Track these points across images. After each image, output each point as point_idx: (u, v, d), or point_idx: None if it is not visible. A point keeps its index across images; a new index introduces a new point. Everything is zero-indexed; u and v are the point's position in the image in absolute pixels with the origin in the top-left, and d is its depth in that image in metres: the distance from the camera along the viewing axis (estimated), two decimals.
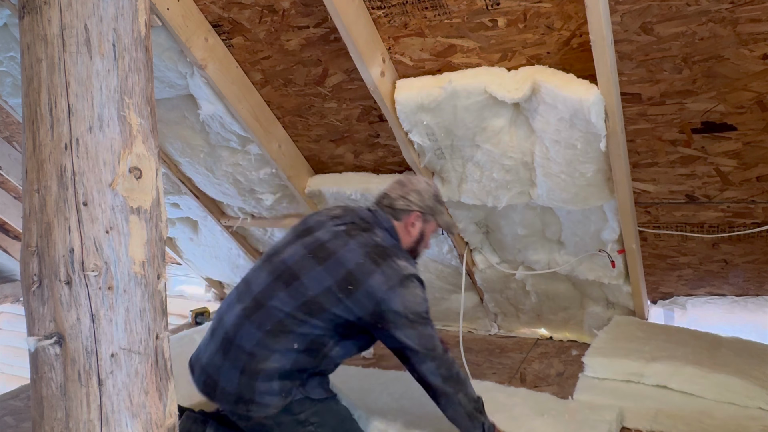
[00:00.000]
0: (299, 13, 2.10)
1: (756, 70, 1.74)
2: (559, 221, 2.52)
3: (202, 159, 2.95)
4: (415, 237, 1.94)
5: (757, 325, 2.54)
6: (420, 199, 1.91)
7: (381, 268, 1.72)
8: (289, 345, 1.71)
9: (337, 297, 1.71)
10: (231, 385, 1.71)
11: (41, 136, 0.92)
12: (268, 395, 1.69)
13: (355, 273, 1.72)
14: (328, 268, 1.74)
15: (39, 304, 0.92)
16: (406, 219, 1.90)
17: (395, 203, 1.90)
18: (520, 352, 2.82)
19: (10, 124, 3.73)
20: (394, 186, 1.95)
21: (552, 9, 1.79)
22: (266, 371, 1.69)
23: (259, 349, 1.70)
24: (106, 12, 0.93)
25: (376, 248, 1.77)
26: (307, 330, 1.72)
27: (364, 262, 1.73)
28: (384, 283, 1.70)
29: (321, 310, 1.71)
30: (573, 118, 1.92)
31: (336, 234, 1.81)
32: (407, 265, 1.78)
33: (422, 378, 1.75)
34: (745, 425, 1.92)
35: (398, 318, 1.69)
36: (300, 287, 1.73)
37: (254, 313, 1.74)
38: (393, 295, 1.69)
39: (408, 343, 1.70)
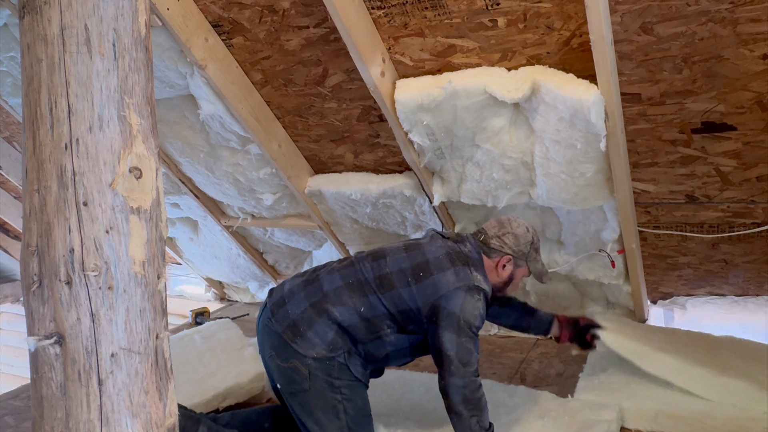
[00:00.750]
0: (299, 13, 2.10)
1: (756, 70, 1.74)
2: (559, 221, 2.52)
3: (202, 159, 2.95)
4: (504, 279, 1.95)
5: (757, 325, 2.54)
6: (515, 243, 1.91)
7: (455, 268, 1.80)
8: (358, 306, 1.81)
9: (407, 279, 1.81)
10: (296, 310, 1.81)
11: (41, 136, 0.92)
12: (318, 337, 1.77)
13: (431, 263, 1.82)
14: (411, 255, 1.87)
15: (39, 304, 0.92)
16: (497, 259, 1.91)
17: (489, 241, 1.92)
18: (520, 352, 2.82)
19: (10, 124, 3.74)
20: (493, 224, 1.96)
21: (552, 9, 1.79)
22: (330, 315, 1.79)
23: (334, 294, 1.82)
24: (106, 12, 0.93)
25: (459, 253, 1.86)
26: (375, 301, 1.81)
27: (443, 258, 1.83)
28: (452, 282, 1.77)
29: (390, 286, 1.81)
30: (573, 118, 1.92)
31: (430, 237, 1.95)
32: (481, 278, 1.84)
33: (445, 389, 1.76)
34: (747, 426, 1.92)
35: (450, 319, 1.74)
36: (382, 263, 1.86)
37: (344, 269, 1.88)
38: (455, 296, 1.75)
39: (447, 347, 1.74)
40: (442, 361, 1.76)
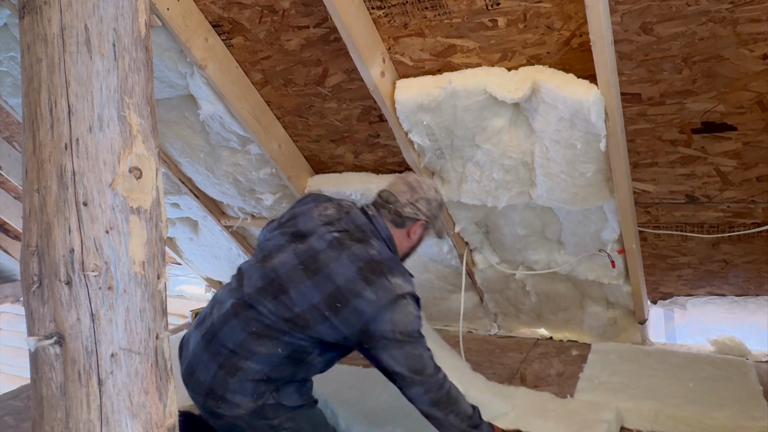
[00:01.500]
0: (299, 13, 2.10)
1: (756, 70, 1.74)
2: (559, 221, 2.52)
3: (202, 159, 2.95)
4: (413, 243, 1.90)
5: (757, 325, 2.55)
6: (428, 208, 1.86)
7: (372, 287, 1.63)
8: (273, 350, 1.66)
9: (323, 315, 1.64)
10: (206, 377, 1.66)
11: (41, 136, 0.92)
12: (239, 395, 1.64)
13: (344, 290, 1.64)
14: (317, 282, 1.66)
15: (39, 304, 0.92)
16: (409, 227, 1.85)
17: (404, 210, 1.83)
18: (520, 352, 2.82)
19: (10, 124, 3.73)
20: (403, 189, 1.86)
21: (552, 9, 1.79)
22: (245, 371, 1.65)
23: (241, 349, 1.66)
24: (106, 12, 0.93)
25: (369, 263, 1.68)
26: (291, 340, 1.67)
27: (356, 279, 1.64)
28: (374, 303, 1.62)
29: (306, 326, 1.66)
30: (573, 118, 1.92)
31: (330, 244, 1.72)
32: (402, 282, 1.69)
33: (411, 401, 1.69)
34: (746, 426, 1.93)
35: (386, 339, 1.62)
36: (287, 301, 1.67)
37: (242, 312, 1.69)
38: (382, 316, 1.61)
39: (394, 367, 1.63)
40: (394, 379, 1.66)
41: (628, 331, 2.78)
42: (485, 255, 2.83)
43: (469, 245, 2.81)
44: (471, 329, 3.18)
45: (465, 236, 2.74)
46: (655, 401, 2.12)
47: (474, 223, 2.69)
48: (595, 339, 2.85)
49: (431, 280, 3.05)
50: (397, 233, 1.85)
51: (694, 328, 2.72)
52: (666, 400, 2.12)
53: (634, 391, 2.20)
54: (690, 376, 2.29)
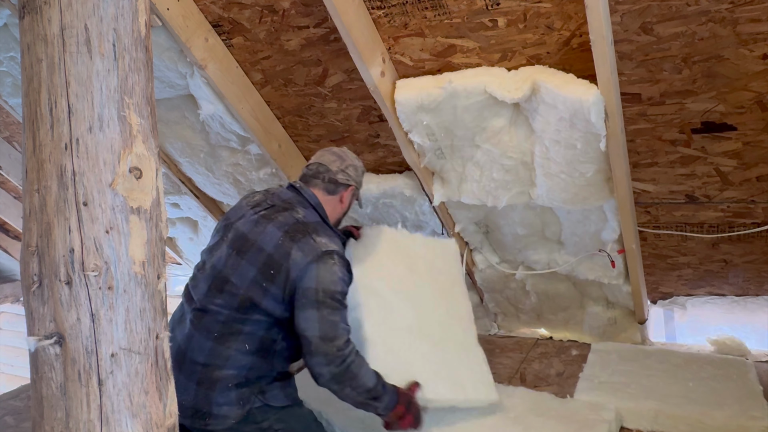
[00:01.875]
0: (299, 13, 2.10)
1: (756, 70, 1.74)
2: (559, 221, 2.52)
3: (202, 159, 2.95)
4: (345, 209, 1.93)
5: (757, 325, 2.55)
6: (356, 174, 1.92)
7: (298, 245, 1.66)
8: (241, 347, 1.66)
9: (262, 287, 1.65)
10: (187, 398, 1.64)
11: (41, 136, 0.92)
12: (226, 406, 1.64)
13: (275, 256, 1.66)
14: (251, 258, 1.68)
15: (39, 304, 0.92)
16: (341, 193, 1.88)
17: (337, 177, 1.86)
18: (520, 352, 2.82)
19: (10, 124, 3.73)
20: (332, 159, 1.90)
21: (552, 9, 1.79)
22: (223, 380, 1.64)
23: (212, 359, 1.65)
24: (106, 12, 0.93)
25: (294, 225, 1.71)
26: (252, 329, 1.67)
27: (283, 241, 1.67)
28: (301, 260, 1.64)
29: (253, 305, 1.66)
30: (573, 118, 1.92)
31: (255, 222, 1.75)
32: (328, 241, 1.71)
33: (310, 371, 1.66)
34: (746, 426, 1.93)
35: (307, 296, 1.62)
36: (232, 288, 1.68)
37: (199, 322, 1.69)
38: (308, 272, 1.63)
39: (306, 330, 1.62)
40: (302, 344, 1.64)
41: (628, 331, 2.78)
42: (485, 255, 2.83)
43: (469, 245, 2.81)
44: None
45: (465, 236, 2.74)
46: (655, 401, 2.12)
47: (474, 223, 2.69)
48: (595, 339, 2.85)
49: None
50: (329, 200, 1.87)
51: (694, 328, 2.72)
52: (666, 400, 2.11)
53: (634, 391, 2.20)
54: (690, 376, 2.28)
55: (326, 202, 1.87)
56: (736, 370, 2.31)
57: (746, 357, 2.49)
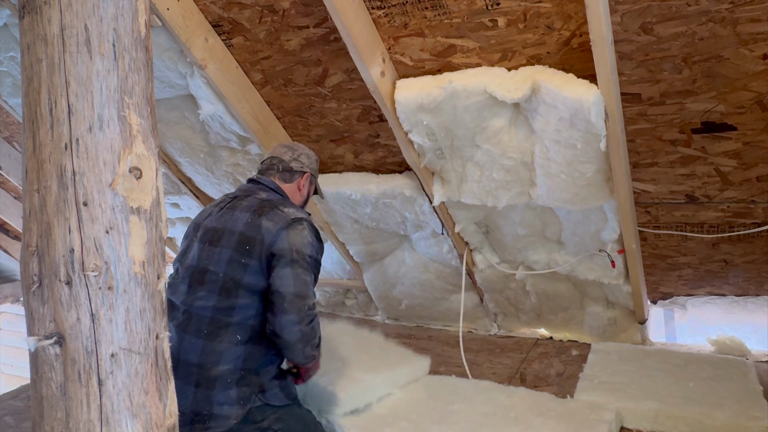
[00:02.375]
0: (299, 13, 2.10)
1: (756, 70, 1.74)
2: (559, 221, 2.52)
3: (202, 159, 2.95)
4: (304, 197, 2.02)
5: (757, 325, 2.55)
6: (309, 161, 2.03)
7: (267, 217, 1.76)
8: (233, 339, 1.68)
9: (241, 263, 1.71)
10: (185, 403, 1.63)
11: (41, 136, 0.92)
12: (226, 405, 1.64)
13: (246, 232, 1.74)
14: (224, 243, 1.76)
15: (39, 304, 0.92)
16: (298, 180, 1.99)
17: (291, 165, 1.98)
18: (520, 352, 2.82)
19: (10, 124, 3.73)
20: (284, 150, 2.02)
21: (552, 9, 1.79)
22: (221, 377, 1.65)
23: (205, 357, 1.66)
24: (106, 12, 0.93)
25: (261, 203, 1.82)
26: (240, 317, 1.70)
27: (252, 219, 1.77)
28: (272, 228, 1.73)
29: (236, 285, 1.70)
30: (573, 118, 1.92)
31: (221, 215, 1.84)
32: (295, 211, 1.82)
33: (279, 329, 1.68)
34: (746, 426, 1.93)
35: (283, 257, 1.69)
36: (211, 276, 1.73)
37: (188, 324, 1.71)
38: (280, 237, 1.72)
39: (281, 287, 1.67)
40: (274, 302, 1.68)
41: (628, 331, 2.78)
42: (485, 255, 2.83)
43: (469, 245, 2.81)
44: (471, 329, 3.18)
45: (465, 236, 2.74)
46: (655, 401, 2.12)
47: (474, 223, 2.69)
48: (595, 339, 2.85)
49: (431, 280, 3.05)
50: (288, 188, 1.98)
51: (694, 328, 2.71)
52: (666, 400, 2.11)
53: (634, 391, 2.20)
54: (690, 376, 2.29)
55: (285, 189, 1.96)
56: (736, 370, 2.31)
57: (746, 357, 2.49)
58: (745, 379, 2.24)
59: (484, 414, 2.10)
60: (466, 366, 2.61)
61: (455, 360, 2.73)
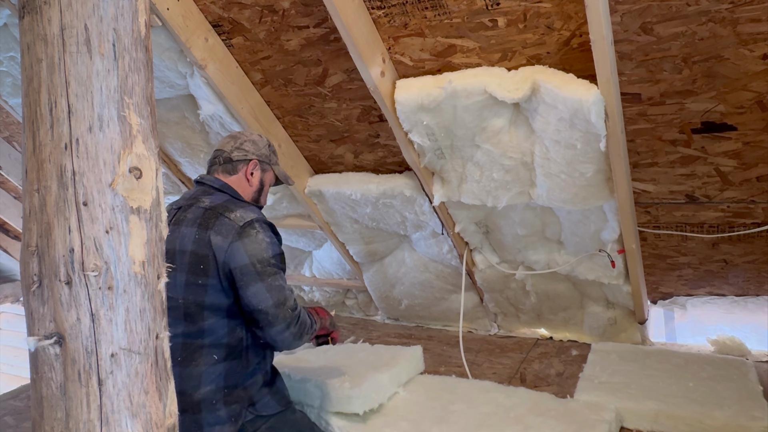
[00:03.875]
0: (299, 13, 2.10)
1: (756, 70, 1.74)
2: (559, 221, 2.52)
3: (202, 159, 2.95)
4: (256, 186, 1.87)
5: (757, 325, 2.55)
6: (256, 148, 1.88)
7: (213, 230, 1.64)
8: (209, 360, 1.62)
9: (198, 284, 1.62)
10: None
11: (41, 136, 0.92)
12: (217, 426, 1.60)
13: (196, 250, 1.64)
14: (178, 266, 1.65)
15: (39, 304, 0.92)
16: (244, 169, 1.84)
17: (232, 155, 1.84)
18: (520, 352, 2.82)
19: (10, 124, 3.74)
20: (226, 141, 1.89)
21: (552, 9, 1.79)
22: (205, 399, 1.61)
23: (185, 383, 1.61)
24: (106, 12, 0.93)
25: (203, 215, 1.69)
26: (211, 338, 1.63)
27: (199, 235, 1.65)
28: (221, 242, 1.62)
29: (198, 308, 1.62)
30: (573, 118, 1.92)
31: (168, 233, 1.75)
32: (242, 213, 1.68)
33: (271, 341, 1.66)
34: (746, 426, 1.92)
35: (246, 273, 1.61)
36: (171, 303, 1.59)
37: None
38: (235, 250, 1.61)
39: (259, 304, 1.61)
40: (256, 319, 1.63)
41: (628, 331, 2.78)
42: (485, 255, 2.83)
43: (469, 245, 2.81)
44: (471, 329, 3.18)
45: (465, 236, 2.74)
46: (655, 401, 2.12)
47: (474, 223, 2.69)
48: (595, 339, 2.85)
49: (431, 280, 3.05)
50: (233, 180, 1.84)
51: (694, 328, 2.71)
52: (666, 400, 2.11)
53: (634, 391, 2.20)
54: (690, 376, 2.29)
55: (231, 183, 1.83)
56: (736, 371, 2.31)
57: (746, 357, 2.49)
58: (745, 379, 2.23)
59: (484, 414, 2.10)
60: (466, 366, 2.61)
61: (455, 360, 2.73)
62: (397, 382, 2.33)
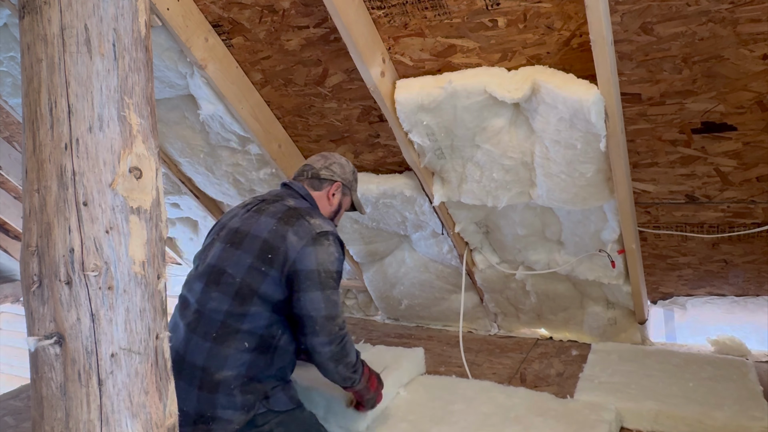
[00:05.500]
0: (299, 13, 2.10)
1: (756, 70, 1.74)
2: (559, 221, 2.52)
3: (202, 159, 2.95)
4: (334, 207, 1.99)
5: (757, 325, 2.55)
6: (342, 171, 2.01)
7: (293, 228, 1.72)
8: (240, 345, 1.66)
9: (260, 271, 1.68)
10: (189, 404, 1.63)
11: (41, 136, 0.92)
12: (230, 409, 1.63)
13: (270, 240, 1.71)
14: (246, 247, 1.73)
15: (39, 304, 0.92)
16: (327, 189, 1.97)
17: (320, 173, 1.97)
18: (520, 352, 2.82)
19: (10, 124, 3.74)
20: (317, 158, 2.03)
21: (552, 9, 1.79)
22: (224, 382, 1.64)
23: (211, 361, 1.65)
24: (106, 12, 0.93)
25: (287, 212, 1.79)
26: (250, 325, 1.67)
27: (277, 227, 1.73)
28: (298, 242, 1.70)
29: (251, 292, 1.68)
30: (573, 118, 1.92)
31: (247, 217, 1.82)
32: (322, 222, 1.78)
33: (311, 349, 1.71)
34: (746, 426, 1.93)
35: (310, 278, 1.67)
36: (228, 279, 1.70)
37: (198, 325, 1.69)
38: (306, 254, 1.69)
39: (311, 311, 1.67)
40: (304, 324, 1.68)
41: (628, 331, 2.78)
42: (485, 255, 2.83)
43: (469, 245, 2.81)
44: (471, 329, 3.18)
45: (465, 236, 2.74)
46: (655, 401, 2.12)
47: (474, 223, 2.69)
48: (595, 339, 2.85)
49: (431, 280, 3.05)
50: (317, 195, 1.97)
51: (694, 328, 2.71)
52: (666, 400, 2.11)
53: (634, 391, 2.20)
54: (690, 376, 2.29)
55: (316, 197, 1.95)
56: (736, 371, 2.31)
57: (746, 357, 2.49)
58: (745, 379, 2.24)
59: (484, 414, 2.10)
60: (466, 366, 2.61)
61: (455, 360, 2.73)
62: (399, 383, 2.33)
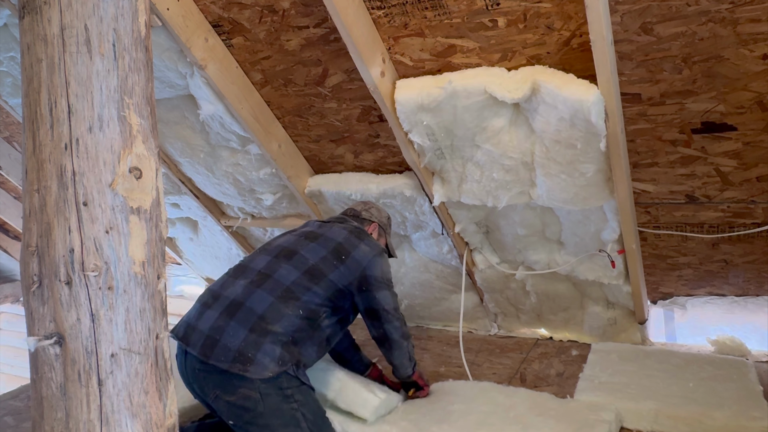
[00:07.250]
0: (299, 13, 2.10)
1: (756, 70, 1.74)
2: (559, 221, 2.52)
3: (202, 159, 2.95)
4: None
5: (757, 325, 2.55)
6: (380, 215, 2.43)
7: (363, 242, 2.14)
8: (295, 311, 1.91)
9: (333, 263, 2.04)
10: (235, 341, 1.80)
11: (41, 136, 0.92)
12: (269, 357, 1.79)
13: (344, 245, 2.11)
14: (320, 243, 2.10)
15: (39, 304, 0.92)
16: (367, 227, 2.35)
17: (361, 214, 2.39)
18: (520, 352, 2.82)
19: (10, 124, 3.74)
20: (358, 204, 2.46)
21: (552, 9, 1.79)
22: (273, 333, 1.84)
23: (270, 312, 1.87)
24: (106, 12, 0.93)
25: (355, 229, 2.21)
26: (309, 298, 1.95)
27: (349, 237, 2.14)
28: (368, 253, 2.10)
29: (321, 275, 2.00)
30: (573, 118, 1.92)
31: (320, 225, 2.23)
32: (379, 243, 2.22)
33: (386, 334, 2.12)
34: (746, 426, 1.92)
35: (378, 282, 2.08)
36: (301, 258, 2.03)
37: (263, 283, 1.94)
38: (374, 263, 2.09)
39: (384, 305, 2.09)
40: (379, 316, 2.09)
41: (628, 331, 2.78)
42: (485, 255, 2.83)
43: (469, 245, 2.81)
44: (471, 329, 3.18)
45: (465, 236, 2.74)
46: (655, 401, 2.12)
47: (474, 223, 2.69)
48: (595, 339, 2.85)
49: (431, 280, 3.05)
50: None
51: (694, 328, 2.71)
52: (666, 400, 2.11)
53: (634, 391, 2.20)
54: (690, 376, 2.28)
55: None
56: (736, 371, 2.31)
57: (746, 357, 2.48)
58: (745, 379, 2.23)
59: (484, 414, 2.10)
60: (466, 366, 2.61)
61: (455, 360, 2.73)
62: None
